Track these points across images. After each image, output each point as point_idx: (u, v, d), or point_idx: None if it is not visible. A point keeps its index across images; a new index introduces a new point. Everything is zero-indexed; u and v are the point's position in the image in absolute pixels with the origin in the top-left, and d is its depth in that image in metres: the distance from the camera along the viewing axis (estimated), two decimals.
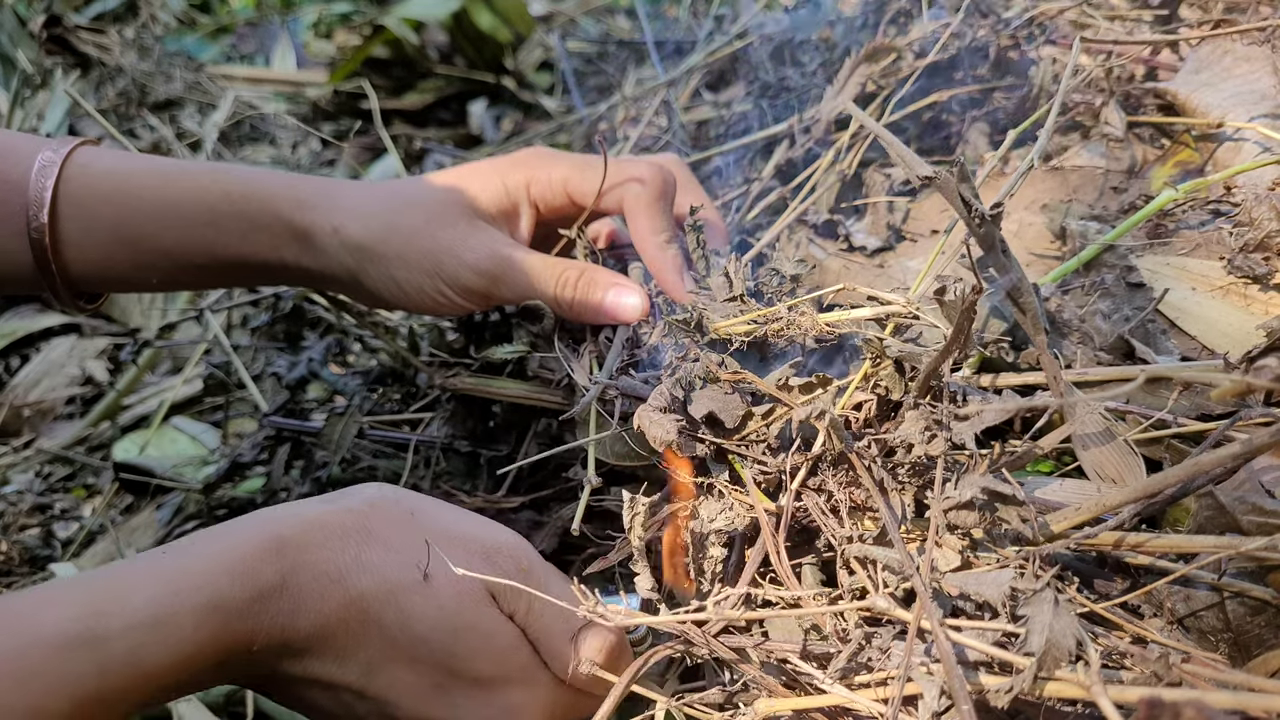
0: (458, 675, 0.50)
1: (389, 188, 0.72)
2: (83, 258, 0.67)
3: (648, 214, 0.69)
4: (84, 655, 0.40)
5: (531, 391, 0.71)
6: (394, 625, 0.48)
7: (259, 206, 0.67)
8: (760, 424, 0.53)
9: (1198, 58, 0.83)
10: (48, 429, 1.35)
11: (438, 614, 0.49)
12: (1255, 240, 0.65)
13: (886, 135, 0.42)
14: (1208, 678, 0.39)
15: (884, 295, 0.52)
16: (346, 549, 0.48)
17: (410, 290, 0.68)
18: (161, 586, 0.43)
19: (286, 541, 0.47)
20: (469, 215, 0.68)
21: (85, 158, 0.67)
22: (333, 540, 0.48)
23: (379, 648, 0.49)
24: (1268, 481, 0.48)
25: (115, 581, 0.44)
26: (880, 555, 0.46)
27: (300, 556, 0.47)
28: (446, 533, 0.51)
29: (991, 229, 0.40)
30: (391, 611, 0.48)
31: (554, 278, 0.67)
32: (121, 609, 0.42)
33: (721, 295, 0.63)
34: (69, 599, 0.42)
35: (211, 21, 2.77)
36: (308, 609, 0.47)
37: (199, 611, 0.43)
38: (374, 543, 0.49)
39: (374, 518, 0.50)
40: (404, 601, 0.48)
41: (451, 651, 0.49)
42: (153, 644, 0.42)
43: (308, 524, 0.48)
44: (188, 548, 0.46)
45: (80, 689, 0.40)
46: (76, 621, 0.41)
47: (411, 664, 0.49)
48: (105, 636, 0.41)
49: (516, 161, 0.72)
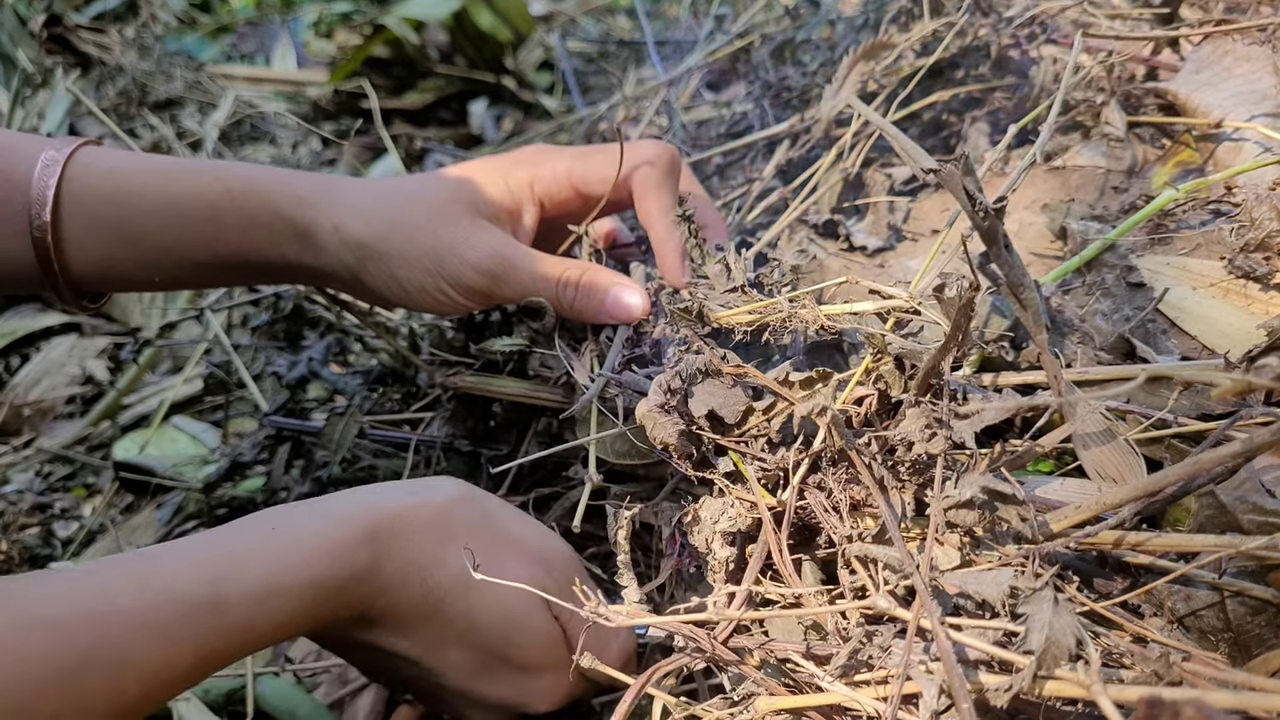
0: (505, 660, 0.57)
1: (391, 185, 0.72)
2: (85, 257, 0.67)
3: (657, 193, 0.69)
4: (208, 618, 0.45)
5: (532, 390, 0.71)
6: (460, 616, 0.54)
7: (259, 203, 0.67)
8: (761, 419, 0.53)
9: (1198, 57, 0.83)
10: (48, 428, 1.35)
11: (499, 611, 0.55)
12: (1256, 240, 0.65)
13: (891, 129, 0.42)
14: (1208, 677, 0.39)
15: (886, 289, 0.52)
16: (428, 542, 0.53)
17: (411, 288, 0.68)
18: (273, 563, 0.48)
19: (379, 531, 0.52)
20: (471, 213, 0.68)
21: (88, 157, 0.67)
22: (418, 533, 0.53)
23: (442, 631, 0.54)
24: (1268, 481, 0.48)
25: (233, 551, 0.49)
26: (880, 554, 0.46)
27: (390, 545, 0.52)
28: (515, 539, 0.57)
29: (995, 224, 0.40)
30: (461, 604, 0.54)
31: (556, 277, 0.67)
32: (240, 578, 0.47)
33: (721, 285, 0.63)
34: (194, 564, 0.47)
35: (212, 21, 2.77)
36: (389, 592, 0.52)
37: (302, 587, 0.48)
38: (452, 540, 0.54)
39: (453, 515, 0.55)
40: (473, 598, 0.54)
41: (506, 643, 0.56)
42: (263, 613, 0.47)
43: (397, 516, 0.53)
44: (293, 526, 0.51)
45: (205, 646, 0.45)
46: (202, 585, 0.46)
47: (468, 648, 0.55)
48: (225, 602, 0.46)
49: (519, 159, 0.72)
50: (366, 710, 0.75)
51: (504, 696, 0.58)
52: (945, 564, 0.46)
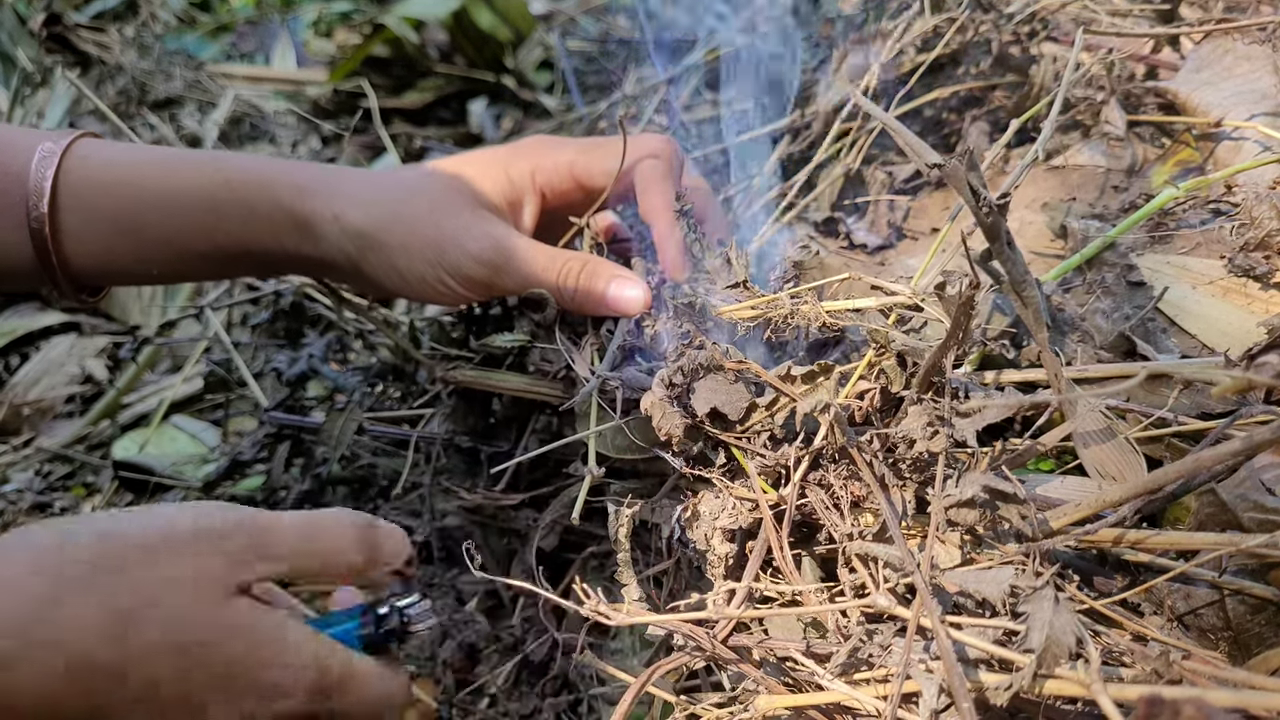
0: (242, 691, 0.45)
1: (392, 176, 0.71)
2: (83, 249, 0.67)
3: (660, 188, 0.69)
4: None
5: (532, 384, 0.71)
6: (137, 672, 0.42)
7: (259, 194, 0.67)
8: (764, 415, 0.53)
9: (1198, 57, 0.83)
10: (47, 427, 1.34)
11: (172, 630, 0.43)
12: (1256, 239, 0.65)
13: (894, 123, 0.42)
14: (1208, 675, 0.39)
15: (888, 285, 0.51)
16: (30, 610, 0.41)
17: (411, 279, 0.68)
18: None
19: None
20: (472, 204, 0.68)
21: (85, 149, 0.66)
22: (20, 602, 0.41)
23: (149, 705, 0.43)
24: (1268, 479, 0.48)
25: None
26: (880, 552, 0.45)
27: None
28: (140, 537, 0.45)
29: (998, 219, 0.40)
30: (117, 652, 0.42)
31: (556, 269, 0.67)
32: None
33: (722, 280, 0.63)
34: None
35: (211, 20, 2.77)
36: (28, 689, 0.40)
37: None
38: (60, 597, 0.42)
39: (45, 567, 0.43)
40: (129, 640, 0.42)
41: (227, 673, 0.44)
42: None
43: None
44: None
45: None
46: None
47: (182, 703, 0.43)
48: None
49: (521, 150, 0.72)
50: None
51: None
52: (946, 562, 0.46)
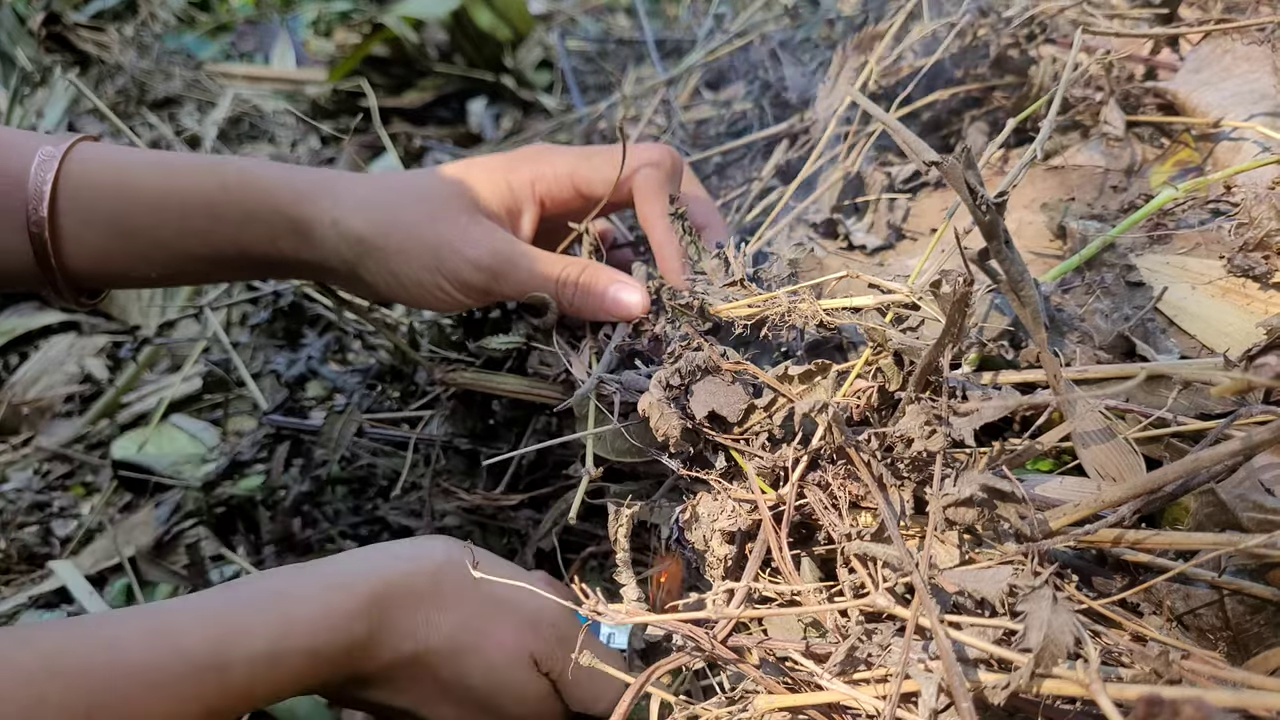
0: (492, 712, 0.59)
1: (390, 180, 0.71)
2: (82, 252, 0.67)
3: (658, 196, 0.69)
4: (212, 677, 0.47)
5: (531, 387, 0.71)
6: (449, 677, 0.57)
7: (257, 198, 0.67)
8: (762, 416, 0.53)
9: (1198, 57, 0.83)
10: (46, 427, 1.34)
11: (486, 673, 0.57)
12: (1255, 239, 0.65)
13: (893, 123, 0.42)
14: (1207, 675, 0.39)
15: (885, 284, 0.52)
16: (421, 610, 0.56)
17: (409, 284, 0.68)
18: (276, 628, 0.50)
19: (377, 601, 0.54)
20: (471, 210, 0.68)
21: (85, 152, 0.67)
22: (413, 600, 0.56)
23: (432, 691, 0.57)
24: (1267, 480, 0.48)
25: (238, 614, 0.50)
26: (879, 551, 0.46)
27: (386, 614, 0.54)
28: (504, 602, 0.59)
29: (996, 218, 0.39)
30: (449, 667, 0.57)
31: (555, 274, 0.67)
32: (243, 642, 0.49)
33: (719, 279, 0.63)
34: (202, 622, 0.49)
35: (211, 19, 2.77)
36: (382, 657, 0.55)
37: (302, 655, 0.50)
38: (442, 606, 0.57)
39: (445, 581, 0.57)
40: (461, 661, 0.57)
41: (492, 702, 0.58)
42: (263, 676, 0.49)
43: (395, 585, 0.55)
44: (298, 592, 0.53)
45: (206, 704, 0.47)
46: (208, 644, 0.48)
47: (457, 702, 0.58)
48: (228, 663, 0.48)
49: (521, 158, 0.72)
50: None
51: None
52: (944, 562, 0.46)
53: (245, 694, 0.49)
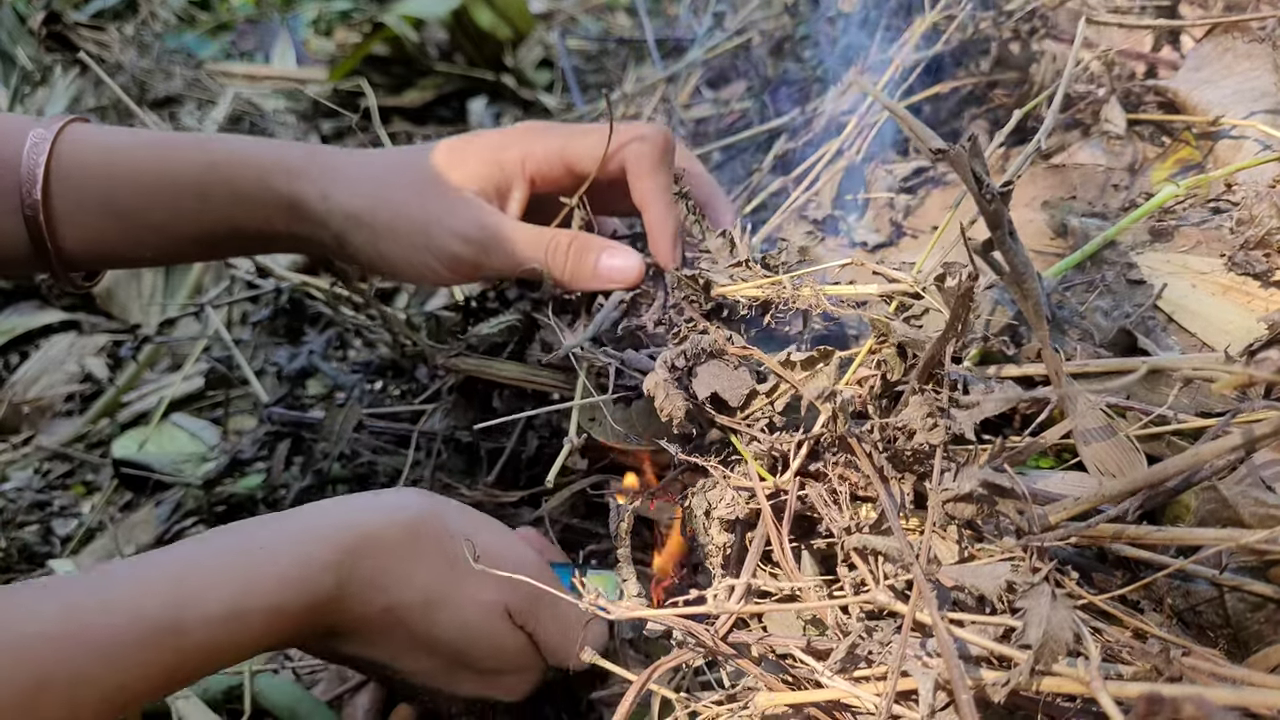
0: (467, 666, 0.58)
1: (380, 157, 0.71)
2: (76, 234, 0.67)
3: (653, 173, 0.68)
4: (169, 641, 0.46)
5: (531, 374, 0.71)
6: (421, 631, 0.56)
7: (247, 175, 0.67)
8: (764, 402, 0.53)
9: (1198, 55, 0.83)
10: (47, 426, 1.34)
11: (460, 627, 0.56)
12: (1255, 237, 0.65)
13: (900, 110, 0.42)
14: (1208, 672, 0.39)
15: (890, 273, 0.51)
16: (393, 562, 0.54)
17: (398, 260, 0.68)
18: (235, 589, 0.48)
19: (347, 553, 0.53)
20: (459, 187, 0.68)
21: (77, 134, 0.67)
22: (384, 553, 0.54)
23: (405, 643, 0.56)
24: (1269, 476, 0.48)
25: (196, 575, 0.48)
26: (879, 544, 0.45)
27: (356, 566, 0.53)
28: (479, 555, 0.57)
29: (1001, 208, 0.39)
30: (422, 620, 0.55)
31: (545, 244, 0.67)
32: (200, 604, 0.47)
33: (724, 260, 0.62)
34: (157, 586, 0.47)
35: (211, 19, 2.77)
36: (351, 609, 0.53)
37: (265, 613, 0.49)
38: (416, 558, 0.55)
39: (418, 533, 0.56)
40: (434, 614, 0.56)
41: (467, 652, 0.58)
42: (224, 636, 0.48)
43: (365, 537, 0.54)
44: (260, 549, 0.51)
45: (163, 668, 0.46)
46: (163, 609, 0.46)
47: (430, 653, 0.57)
48: (185, 626, 0.46)
49: (512, 136, 0.71)
50: (365, 708, 0.75)
51: (471, 693, 0.60)
52: (944, 558, 0.46)
53: (205, 656, 0.47)
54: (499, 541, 0.60)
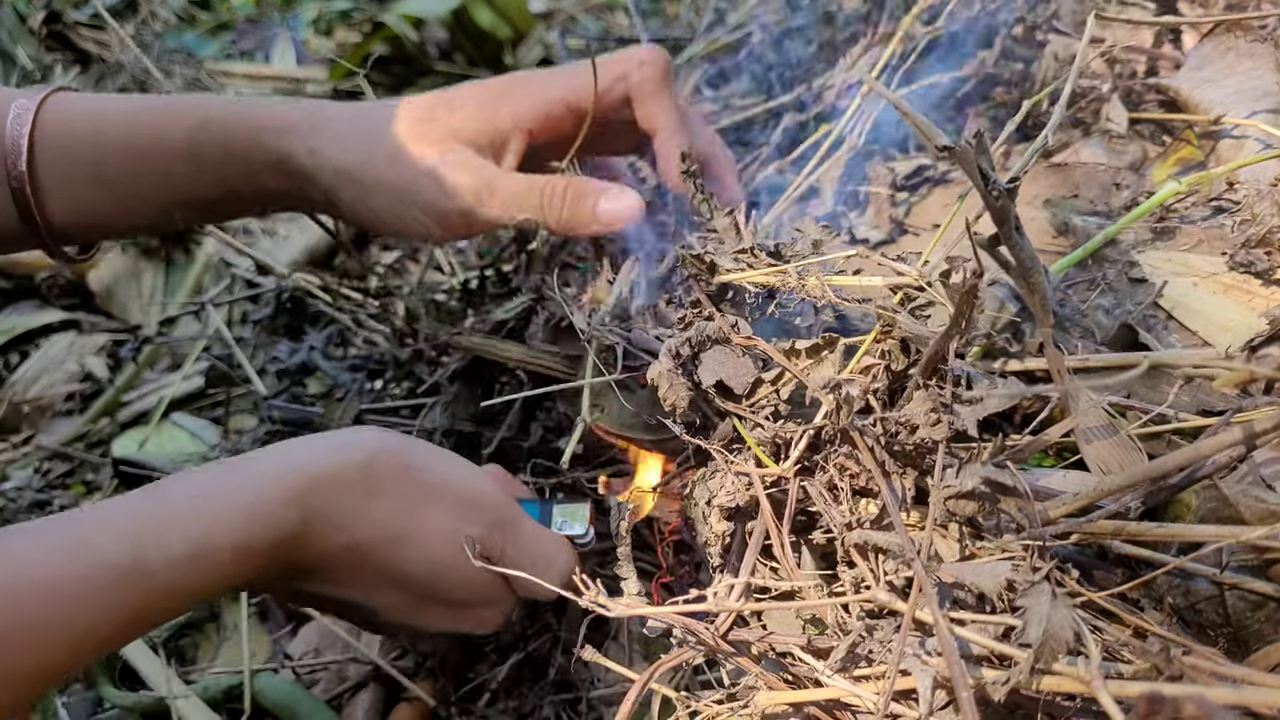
0: (436, 599, 0.58)
1: (370, 110, 0.70)
2: (65, 205, 0.66)
3: (657, 94, 0.68)
4: (133, 582, 0.46)
5: (534, 356, 0.70)
6: (386, 565, 0.55)
7: (237, 133, 0.67)
8: (769, 390, 0.53)
9: (1200, 54, 0.83)
10: (47, 425, 1.34)
11: (424, 560, 0.56)
12: (1257, 236, 0.65)
13: (904, 105, 0.42)
14: (1208, 671, 0.39)
15: (894, 265, 0.51)
16: (353, 499, 0.54)
17: (387, 216, 0.67)
18: (199, 528, 0.48)
19: (306, 491, 0.52)
20: (450, 140, 0.67)
21: (62, 103, 0.66)
22: (343, 490, 0.54)
23: (371, 579, 0.56)
24: (1269, 475, 0.48)
25: (157, 517, 0.48)
26: (880, 539, 0.45)
27: (317, 504, 0.53)
28: (438, 487, 0.57)
29: (1007, 203, 0.39)
30: (385, 556, 0.55)
31: (539, 192, 0.66)
32: (163, 544, 0.47)
33: (731, 243, 0.62)
34: (118, 530, 0.47)
35: (211, 18, 2.77)
36: (315, 546, 0.53)
37: (230, 550, 0.49)
38: (375, 495, 0.55)
39: (377, 469, 0.55)
40: (397, 549, 0.55)
41: (434, 587, 0.58)
42: (189, 577, 0.47)
43: (323, 475, 0.53)
44: (220, 488, 0.51)
45: (129, 611, 0.46)
46: (126, 552, 0.46)
47: (399, 588, 0.57)
48: (150, 569, 0.46)
49: (502, 91, 0.70)
50: (366, 707, 0.75)
51: (442, 627, 0.60)
52: (945, 556, 0.46)
53: (171, 595, 0.47)
54: (462, 475, 0.59)
